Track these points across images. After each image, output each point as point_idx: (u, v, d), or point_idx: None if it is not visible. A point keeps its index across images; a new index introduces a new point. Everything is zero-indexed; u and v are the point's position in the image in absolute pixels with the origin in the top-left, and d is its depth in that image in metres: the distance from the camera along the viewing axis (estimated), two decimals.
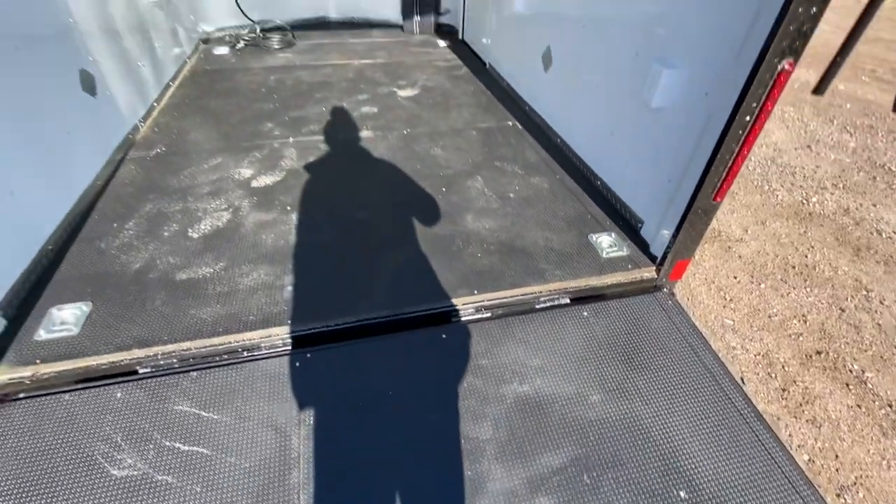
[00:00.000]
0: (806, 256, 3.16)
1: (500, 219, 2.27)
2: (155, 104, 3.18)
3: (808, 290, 2.91)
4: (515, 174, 2.64)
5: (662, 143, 1.96)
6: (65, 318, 1.70)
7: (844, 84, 5.88)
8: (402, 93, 3.64)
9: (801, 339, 2.60)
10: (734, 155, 1.59)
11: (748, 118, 1.50)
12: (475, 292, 1.84)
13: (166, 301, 1.78)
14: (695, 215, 1.79)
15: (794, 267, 3.07)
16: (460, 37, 4.98)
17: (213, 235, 2.11)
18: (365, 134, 3.00)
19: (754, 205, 3.64)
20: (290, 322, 1.72)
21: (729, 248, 3.21)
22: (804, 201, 3.69)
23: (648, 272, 2.01)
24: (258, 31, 4.63)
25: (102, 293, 1.80)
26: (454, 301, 1.81)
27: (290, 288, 1.86)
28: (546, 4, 2.94)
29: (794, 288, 2.91)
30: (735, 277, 2.98)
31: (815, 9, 1.30)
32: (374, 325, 1.76)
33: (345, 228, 2.18)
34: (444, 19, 5.17)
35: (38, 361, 1.56)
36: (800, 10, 1.29)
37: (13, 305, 1.71)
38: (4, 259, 1.74)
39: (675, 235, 1.87)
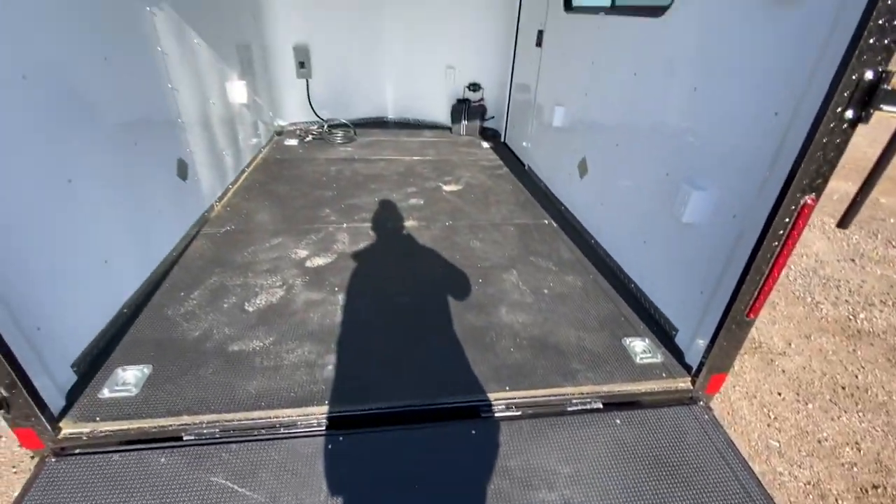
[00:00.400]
0: (856, 377, 2.99)
1: (534, 314, 2.35)
2: (230, 186, 3.61)
3: (861, 414, 2.72)
4: (550, 270, 2.76)
5: (694, 256, 2.06)
6: (127, 379, 1.85)
7: (886, 198, 5.88)
8: (447, 188, 3.97)
9: (855, 469, 2.39)
10: (764, 276, 1.65)
11: (776, 244, 1.59)
12: (507, 388, 1.88)
13: (217, 370, 1.92)
14: (729, 330, 1.81)
15: (843, 388, 2.90)
16: (503, 139, 5.46)
17: (266, 310, 2.29)
18: (411, 223, 3.26)
19: (797, 317, 3.55)
20: (327, 402, 1.79)
21: (771, 361, 3.10)
22: (851, 317, 3.57)
23: (684, 382, 1.99)
24: (325, 126, 5.27)
25: (163, 357, 1.97)
26: (485, 396, 1.85)
27: (330, 367, 1.96)
28: (581, 122, 3.26)
29: (844, 411, 2.73)
30: (779, 394, 2.84)
31: (832, 154, 1.44)
32: (406, 413, 1.80)
33: (386, 311, 2.32)
34: (488, 123, 5.72)
35: (97, 419, 1.69)
36: (818, 154, 1.43)
37: (86, 361, 1.89)
38: (89, 318, 1.96)
39: (709, 347, 1.88)
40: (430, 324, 2.25)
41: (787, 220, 1.54)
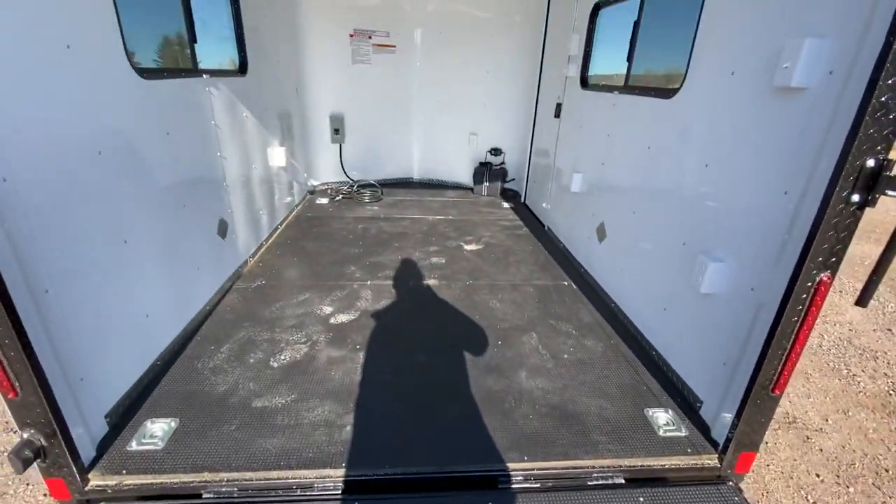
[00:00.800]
0: None
1: (554, 380, 2.34)
2: (264, 243, 3.83)
3: None
4: (570, 334, 2.76)
5: (715, 326, 2.05)
6: (154, 432, 1.91)
7: None
8: (468, 247, 4.09)
9: None
10: (787, 352, 1.64)
11: (795, 319, 1.60)
12: (525, 458, 1.85)
13: (240, 426, 1.96)
14: (755, 405, 1.77)
15: (887, 470, 2.70)
16: (523, 200, 5.64)
17: (290, 366, 2.36)
18: (432, 282, 3.35)
19: (833, 390, 3.37)
20: (344, 465, 1.80)
21: (807, 438, 2.92)
22: (892, 392, 3.37)
23: (710, 459, 1.92)
24: (354, 186, 5.58)
25: (189, 411, 2.03)
26: (503, 465, 1.82)
27: (348, 428, 1.98)
28: (599, 189, 3.38)
29: (890, 496, 2.52)
30: (817, 475, 2.65)
31: (843, 234, 1.48)
32: (423, 480, 1.79)
33: (404, 372, 2.35)
34: (509, 185, 5.94)
35: (124, 472, 1.73)
36: (829, 234, 1.48)
37: (118, 413, 1.97)
38: (125, 369, 2.07)
39: (735, 423, 1.83)
40: (449, 386, 2.26)
41: (804, 296, 1.56)
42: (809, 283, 1.54)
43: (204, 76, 2.80)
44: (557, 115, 4.30)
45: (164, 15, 2.62)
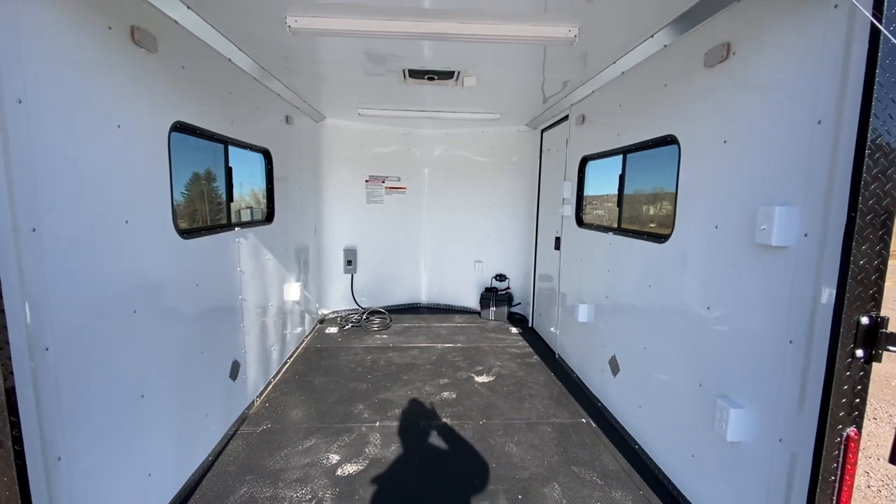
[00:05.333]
0: None
1: None
2: (272, 380, 3.78)
3: None
4: (595, 484, 2.56)
5: (750, 481, 1.92)
6: None
7: None
8: (479, 378, 4.00)
9: None
10: None
11: (833, 478, 1.52)
12: None
13: None
14: None
15: None
16: (530, 324, 5.68)
17: None
18: (443, 423, 3.22)
19: None
20: None
21: None
22: None
23: None
24: (364, 315, 5.68)
25: None
26: None
27: None
28: (606, 322, 3.44)
29: None
30: None
31: (858, 388, 1.49)
32: None
33: None
34: (515, 309, 6.03)
35: None
36: (843, 388, 1.49)
37: None
38: None
39: None
40: None
41: (836, 453, 1.51)
42: (838, 440, 1.50)
43: (235, 228, 3.09)
44: (557, 248, 4.57)
45: (209, 182, 3.00)
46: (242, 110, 3.17)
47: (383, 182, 5.98)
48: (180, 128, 2.36)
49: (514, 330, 5.50)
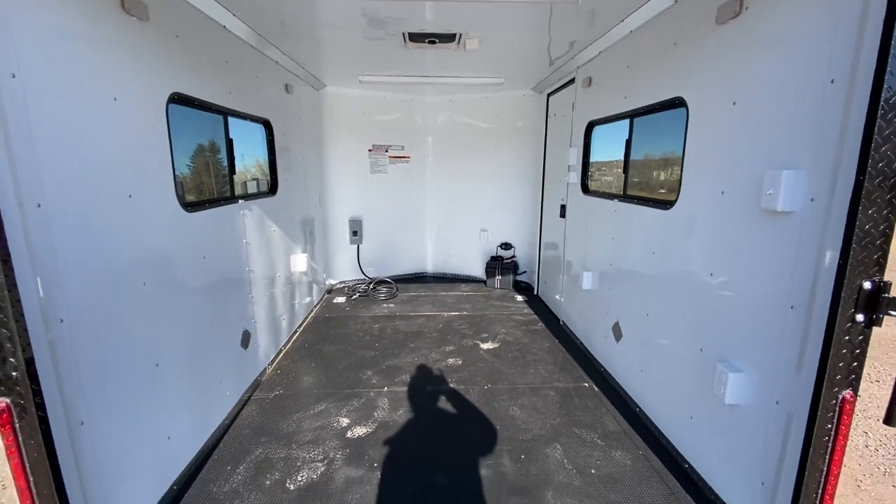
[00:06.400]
0: None
1: (583, 499, 2.22)
2: (283, 348, 3.89)
3: None
4: (596, 445, 2.65)
5: (747, 441, 1.98)
6: None
7: None
8: (484, 345, 4.08)
9: None
10: (824, 473, 1.57)
11: (826, 439, 1.56)
12: None
13: None
14: None
15: None
16: (535, 292, 5.72)
17: (306, 489, 2.28)
18: (449, 388, 3.31)
19: (889, 498, 3.07)
20: None
21: None
22: None
23: None
24: (370, 284, 5.75)
25: None
26: None
27: None
28: (609, 289, 3.46)
29: None
30: None
31: (857, 352, 1.50)
32: None
33: (425, 494, 2.25)
34: (521, 277, 6.06)
35: None
36: (842, 352, 1.50)
37: None
38: (142, 495, 2.02)
39: None
40: None
41: (830, 414, 1.54)
42: (834, 402, 1.53)
43: (239, 201, 3.10)
44: (563, 216, 4.54)
45: (211, 155, 2.99)
46: (240, 80, 3.11)
47: (387, 151, 5.90)
48: (178, 99, 2.34)
49: (519, 298, 5.55)
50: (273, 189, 3.80)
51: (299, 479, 2.36)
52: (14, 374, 1.36)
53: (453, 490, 2.29)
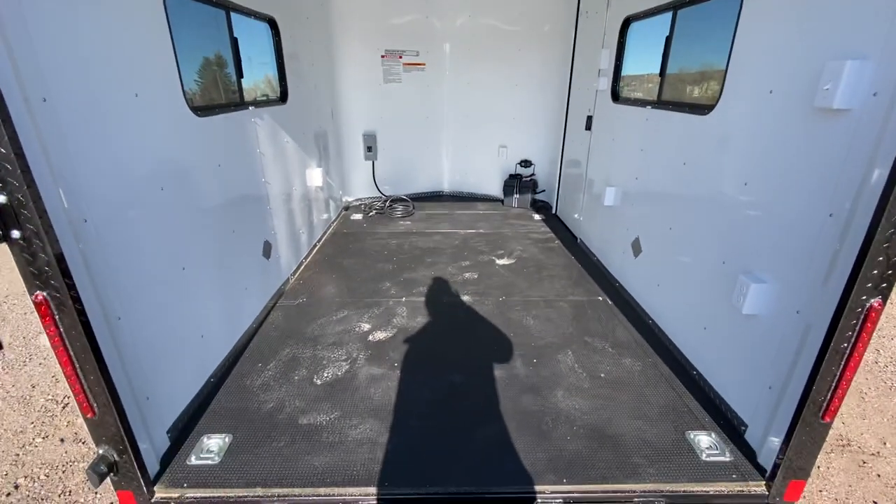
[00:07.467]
0: None
1: (591, 399, 2.34)
2: (304, 261, 3.99)
3: None
4: (606, 352, 2.75)
5: (760, 349, 2.00)
6: (210, 447, 2.04)
7: None
8: (500, 261, 4.12)
9: None
10: (836, 378, 1.59)
11: (845, 345, 1.55)
12: (564, 481, 1.86)
13: (288, 443, 2.07)
14: (803, 432, 1.72)
15: None
16: (554, 211, 5.62)
17: (332, 383, 2.46)
18: (465, 298, 3.40)
19: (891, 410, 3.18)
20: (386, 483, 1.87)
21: (863, 463, 2.77)
22: None
23: (757, 486, 1.87)
24: (387, 202, 5.72)
25: (241, 427, 2.15)
26: (541, 488, 1.84)
27: (389, 446, 2.05)
28: (633, 204, 3.35)
29: None
30: (875, 503, 2.51)
31: (894, 259, 1.43)
32: (462, 499, 1.83)
33: (441, 391, 2.41)
34: (539, 196, 5.93)
35: (185, 485, 1.86)
36: (879, 258, 1.43)
37: (178, 428, 2.12)
38: (183, 386, 2.22)
39: (783, 448, 1.78)
40: (486, 406, 2.30)
41: (854, 322, 1.52)
42: (859, 309, 1.50)
43: (250, 108, 2.98)
44: (588, 128, 4.29)
45: (216, 59, 2.82)
46: None
47: (400, 57, 5.50)
48: None
49: (536, 217, 5.48)
50: (283, 97, 3.63)
51: (326, 375, 2.53)
52: (46, 268, 1.41)
53: (467, 387, 2.43)
